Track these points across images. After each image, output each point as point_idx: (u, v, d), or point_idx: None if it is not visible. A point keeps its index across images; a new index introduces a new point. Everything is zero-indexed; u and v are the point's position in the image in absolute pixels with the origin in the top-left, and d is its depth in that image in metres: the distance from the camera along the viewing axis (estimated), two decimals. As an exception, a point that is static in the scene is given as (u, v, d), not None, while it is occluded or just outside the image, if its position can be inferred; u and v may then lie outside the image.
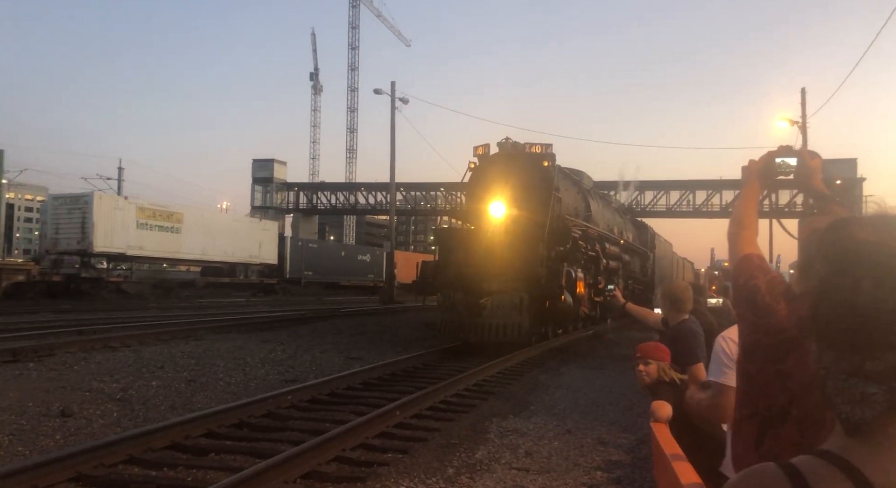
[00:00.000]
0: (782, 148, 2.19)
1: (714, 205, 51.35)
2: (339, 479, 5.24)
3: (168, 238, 32.89)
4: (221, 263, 37.26)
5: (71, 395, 7.95)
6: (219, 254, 36.26)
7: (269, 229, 41.15)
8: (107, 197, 30.65)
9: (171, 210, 33.86)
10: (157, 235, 32.21)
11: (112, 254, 30.52)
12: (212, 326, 16.00)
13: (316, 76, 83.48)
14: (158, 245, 32.30)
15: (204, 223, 35.36)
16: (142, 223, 31.35)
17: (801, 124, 28.35)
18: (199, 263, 37.24)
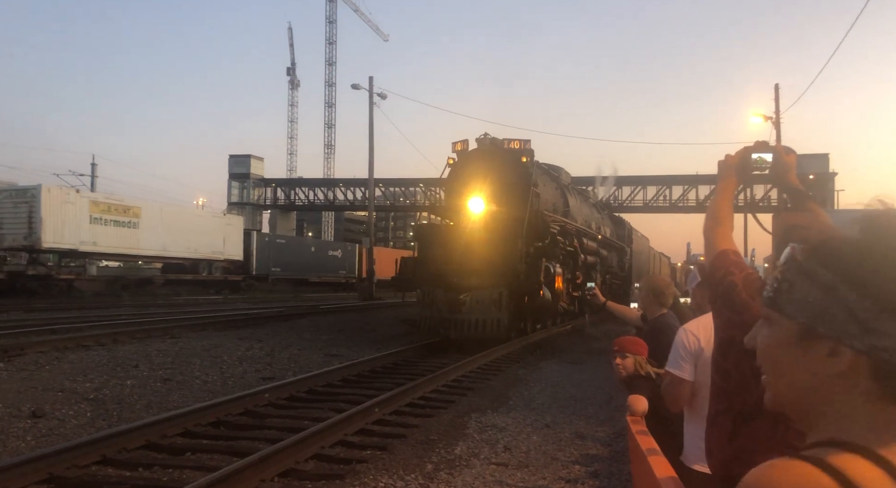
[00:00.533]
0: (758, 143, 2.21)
1: (690, 200, 51.94)
2: (317, 477, 5.21)
3: (124, 233, 31.41)
4: (183, 259, 35.79)
5: (43, 395, 7.81)
6: (180, 250, 34.76)
7: (233, 224, 39.55)
8: (56, 189, 28.92)
9: (128, 204, 32.18)
10: (112, 230, 30.54)
11: (62, 250, 28.89)
12: (188, 324, 15.82)
13: (293, 71, 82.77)
14: (114, 241, 30.72)
15: (164, 218, 33.84)
16: (95, 218, 29.59)
17: (774, 120, 28.77)
18: (159, 260, 35.92)
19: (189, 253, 35.40)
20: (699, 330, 2.79)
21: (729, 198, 2.16)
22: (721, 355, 1.80)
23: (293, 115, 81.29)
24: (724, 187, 2.17)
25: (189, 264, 36.24)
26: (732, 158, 2.17)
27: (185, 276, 36.04)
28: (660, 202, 52.71)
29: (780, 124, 28.67)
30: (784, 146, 2.22)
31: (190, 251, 35.35)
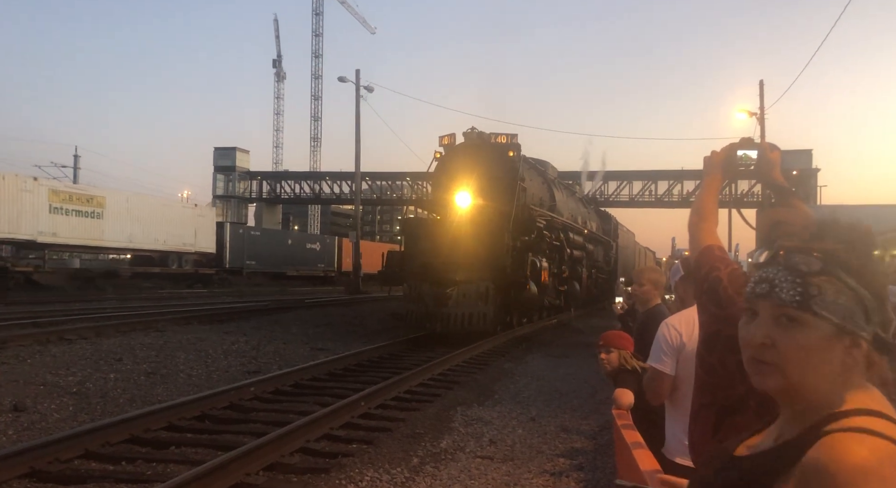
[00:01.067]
0: (744, 140, 2.22)
1: (675, 195, 52.29)
2: (302, 471, 5.21)
3: (88, 224, 29.72)
4: (151, 251, 34.33)
5: (24, 389, 7.72)
6: (148, 242, 33.37)
7: (205, 215, 38.00)
8: (11, 177, 27.32)
9: (92, 193, 30.65)
10: (74, 221, 28.85)
11: (19, 241, 27.27)
12: (173, 318, 15.71)
13: (279, 63, 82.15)
14: (76, 231, 29.04)
15: (131, 208, 32.34)
16: (56, 207, 27.95)
17: (759, 115, 28.99)
18: (125, 251, 34.52)
19: (158, 245, 34.11)
20: (681, 324, 2.81)
21: (714, 194, 2.18)
22: (706, 350, 1.82)
23: (279, 107, 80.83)
24: (710, 183, 2.19)
25: (158, 257, 34.97)
26: (718, 155, 2.19)
27: (154, 269, 34.75)
28: (645, 197, 53.03)
29: (764, 120, 28.90)
30: (768, 143, 2.24)
31: (159, 243, 34.05)
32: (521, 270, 13.56)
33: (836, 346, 1.00)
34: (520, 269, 13.56)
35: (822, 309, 1.00)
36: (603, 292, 24.76)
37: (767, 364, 1.03)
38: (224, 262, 38.25)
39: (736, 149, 2.17)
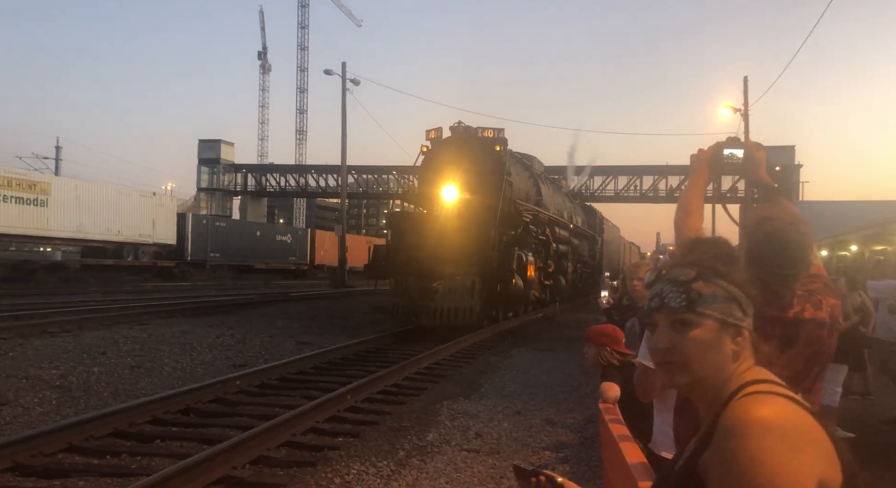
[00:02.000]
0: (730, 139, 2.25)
1: (660, 190, 52.58)
2: (288, 464, 5.20)
3: (29, 212, 27.62)
4: (103, 242, 32.12)
5: (6, 383, 7.64)
6: (100, 232, 31.26)
7: (165, 204, 35.72)
8: None
9: (34, 179, 28.80)
10: (13, 208, 26.95)
11: None
12: (156, 311, 15.59)
13: (264, 55, 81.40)
14: (15, 220, 27.08)
15: (80, 196, 30.20)
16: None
17: (743, 111, 29.21)
18: (72, 242, 32.09)
19: (111, 235, 32.08)
20: None
21: (700, 191, 2.21)
22: None
23: (264, 99, 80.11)
24: (696, 180, 2.22)
25: (112, 248, 32.87)
26: (704, 153, 2.21)
27: (106, 261, 32.41)
28: (630, 192, 53.29)
29: (748, 116, 29.13)
30: (754, 142, 2.27)
31: (112, 233, 32.04)
32: (507, 265, 13.60)
33: (724, 338, 1.19)
34: (506, 264, 13.60)
35: (705, 308, 1.19)
36: (588, 286, 24.89)
37: (674, 364, 1.20)
38: (185, 254, 36.41)
39: (722, 148, 2.19)
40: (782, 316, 1.84)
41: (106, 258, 32.57)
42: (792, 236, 1.89)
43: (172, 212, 36.40)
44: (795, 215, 1.97)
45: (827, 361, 1.92)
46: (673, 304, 1.20)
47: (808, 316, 1.85)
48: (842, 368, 6.61)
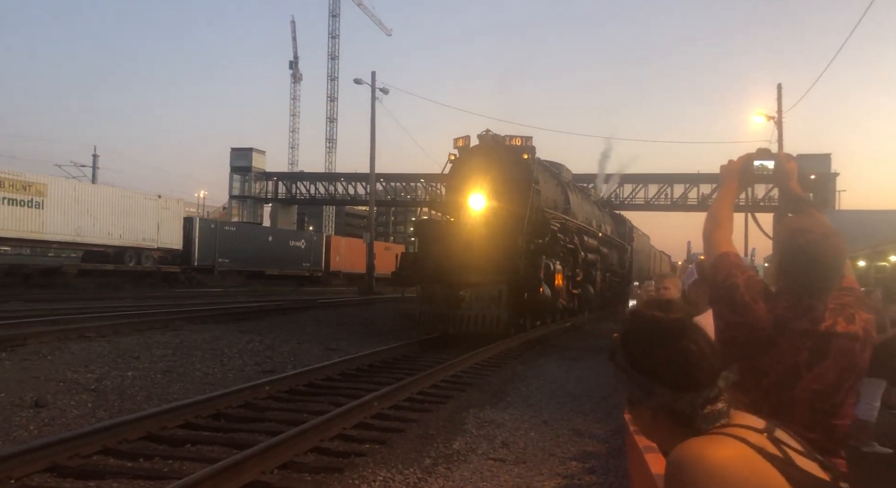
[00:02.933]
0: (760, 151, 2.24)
1: (691, 198, 51.94)
2: (316, 470, 5.26)
3: (24, 214, 26.33)
4: (103, 247, 30.59)
5: (45, 386, 7.86)
6: (100, 236, 29.85)
7: (170, 208, 34.06)
8: None
9: (29, 180, 27.14)
10: (5, 210, 25.78)
11: None
12: (189, 317, 15.87)
13: (295, 64, 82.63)
14: (7, 222, 25.82)
15: (79, 197, 28.93)
16: None
17: (776, 119, 28.75)
18: (70, 246, 30.46)
19: (112, 239, 30.60)
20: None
21: (730, 203, 2.21)
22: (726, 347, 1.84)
23: (295, 108, 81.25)
24: (726, 192, 2.22)
25: (113, 252, 31.30)
26: (735, 164, 2.21)
27: (106, 266, 30.87)
28: (661, 200, 52.73)
29: (782, 124, 28.66)
30: (785, 153, 2.26)
31: (113, 237, 30.62)
32: (535, 273, 13.56)
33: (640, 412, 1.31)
34: (533, 272, 13.55)
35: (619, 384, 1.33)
36: (617, 295, 24.65)
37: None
38: (192, 260, 35.01)
39: (753, 160, 2.19)
40: (813, 329, 1.82)
41: (107, 263, 31.13)
42: (825, 249, 1.87)
43: (179, 215, 35.00)
44: (829, 227, 1.96)
45: (860, 375, 1.90)
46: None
47: (840, 329, 1.83)
48: (879, 383, 6.45)
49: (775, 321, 1.82)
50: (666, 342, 1.26)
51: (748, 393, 1.72)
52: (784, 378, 1.79)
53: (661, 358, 1.25)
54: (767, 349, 1.80)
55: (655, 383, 1.25)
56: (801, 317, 1.83)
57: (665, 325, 1.29)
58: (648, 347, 1.27)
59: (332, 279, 46.51)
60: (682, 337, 1.27)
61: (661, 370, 1.25)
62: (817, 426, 1.75)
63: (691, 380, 1.24)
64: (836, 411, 1.80)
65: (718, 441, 1.15)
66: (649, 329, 1.29)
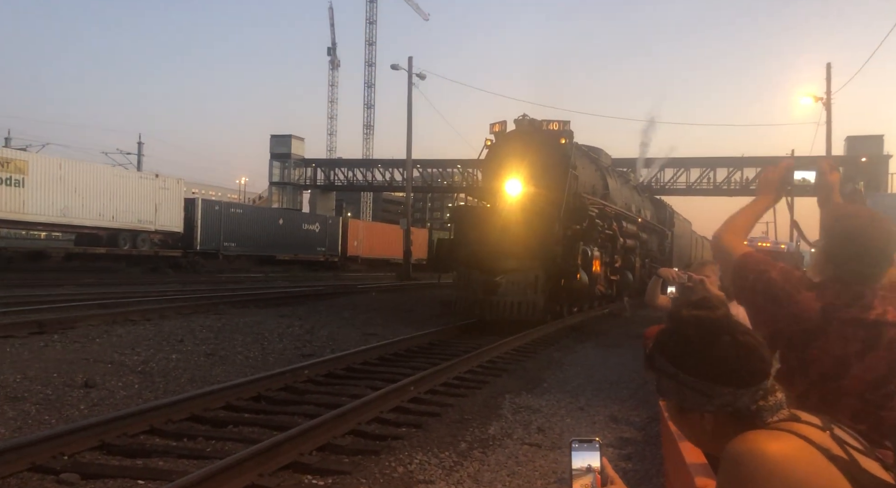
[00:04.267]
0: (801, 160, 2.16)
1: (735, 182, 50.71)
2: (353, 452, 5.35)
3: (2, 193, 24.52)
4: (94, 229, 28.59)
5: (94, 367, 8.15)
6: (90, 217, 27.80)
7: (169, 188, 31.83)
8: None
9: (7, 156, 25.29)
10: None
11: None
12: (231, 301, 16.24)
13: (333, 51, 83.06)
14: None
15: (65, 176, 26.74)
16: None
17: (825, 101, 27.79)
18: (57, 228, 28.85)
19: (103, 221, 28.42)
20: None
21: (758, 215, 2.14)
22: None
23: (333, 95, 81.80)
24: (759, 204, 2.13)
25: (105, 235, 29.27)
26: (773, 174, 2.13)
27: (97, 250, 28.83)
28: (703, 184, 51.61)
29: (830, 105, 27.69)
30: (828, 162, 2.16)
31: (105, 219, 28.42)
32: (572, 259, 13.45)
33: (688, 419, 1.27)
34: (570, 258, 13.45)
35: (663, 393, 1.29)
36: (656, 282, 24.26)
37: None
38: (195, 243, 32.89)
39: (792, 169, 2.11)
40: (863, 317, 1.77)
41: (97, 246, 29.01)
42: (872, 232, 1.82)
43: (179, 196, 32.56)
44: (876, 213, 1.91)
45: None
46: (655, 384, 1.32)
47: (891, 318, 1.78)
48: None
49: (823, 310, 1.77)
50: (720, 338, 1.22)
51: (794, 386, 1.69)
52: (833, 368, 1.74)
53: (717, 356, 1.20)
54: (816, 339, 1.76)
55: (715, 383, 1.20)
56: (850, 305, 1.78)
57: (714, 322, 1.24)
58: (701, 347, 1.22)
59: (349, 264, 44.65)
60: (734, 331, 1.23)
61: (719, 368, 1.20)
62: (866, 417, 1.70)
63: (751, 374, 1.20)
64: (885, 403, 1.75)
65: (778, 436, 1.12)
66: (698, 328, 1.24)
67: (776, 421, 1.17)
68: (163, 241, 32.13)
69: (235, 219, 35.70)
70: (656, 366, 1.27)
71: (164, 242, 32.17)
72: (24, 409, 6.20)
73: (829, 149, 29.42)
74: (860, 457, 1.13)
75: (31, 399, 6.55)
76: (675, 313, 1.30)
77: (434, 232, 48.58)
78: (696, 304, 1.29)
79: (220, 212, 34.85)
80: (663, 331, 1.30)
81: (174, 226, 32.11)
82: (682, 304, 1.31)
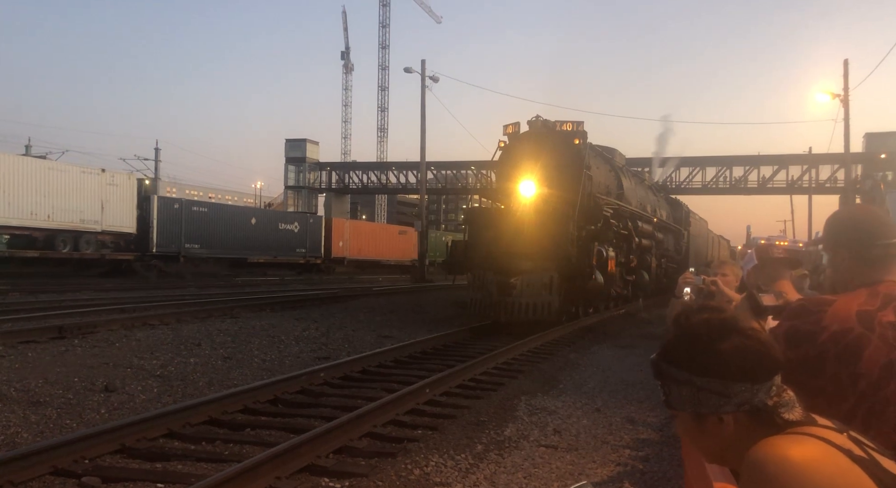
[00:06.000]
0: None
1: (752, 181, 50.23)
2: (370, 454, 5.37)
3: None
4: (26, 230, 25.41)
5: (114, 371, 8.25)
6: (20, 217, 24.77)
7: (118, 184, 28.51)
8: None
9: None
10: None
11: None
12: (247, 304, 16.36)
13: (347, 55, 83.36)
14: None
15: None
16: None
17: (843, 97, 27.46)
18: None
19: (37, 221, 25.43)
20: None
21: None
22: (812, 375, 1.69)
23: (347, 98, 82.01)
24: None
25: (42, 236, 26.20)
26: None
27: (28, 253, 25.60)
28: (719, 183, 51.17)
29: (848, 102, 27.36)
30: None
31: (39, 218, 25.47)
32: (587, 260, 13.40)
33: (705, 426, 1.22)
34: (585, 259, 13.40)
35: (675, 404, 1.25)
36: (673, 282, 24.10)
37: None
38: (150, 245, 29.71)
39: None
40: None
41: (30, 249, 25.86)
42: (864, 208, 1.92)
43: (131, 193, 29.27)
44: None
45: None
46: (662, 398, 1.29)
47: None
48: None
49: (859, 315, 1.73)
50: (732, 335, 1.21)
51: (845, 402, 1.65)
52: (880, 377, 1.69)
53: (730, 353, 1.19)
54: (863, 349, 1.70)
55: (732, 381, 1.18)
56: (884, 306, 1.73)
57: (722, 322, 1.23)
58: (713, 347, 1.20)
59: (334, 267, 41.59)
60: (742, 329, 1.22)
61: (734, 366, 1.18)
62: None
63: (765, 369, 1.19)
64: None
65: (800, 440, 1.11)
66: (707, 329, 1.23)
67: (794, 420, 1.16)
68: (115, 243, 28.96)
69: (199, 218, 32.35)
70: (667, 375, 1.25)
71: (116, 244, 28.96)
72: (45, 414, 6.28)
73: (848, 147, 29.06)
74: (879, 457, 1.13)
75: (52, 403, 6.64)
76: (681, 319, 1.28)
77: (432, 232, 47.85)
78: (700, 309, 1.28)
79: (180, 211, 31.37)
80: (669, 340, 1.28)
81: (125, 227, 28.92)
82: (686, 311, 1.29)
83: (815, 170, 47.74)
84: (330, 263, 41.40)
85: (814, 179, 47.61)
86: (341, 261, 42.48)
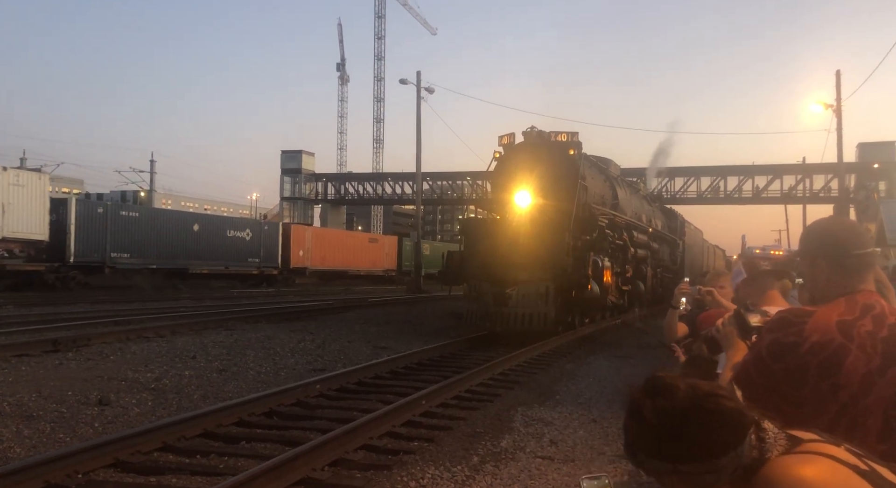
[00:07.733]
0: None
1: (746, 190, 50.48)
2: (365, 467, 5.34)
3: None
4: None
5: (108, 384, 8.20)
6: None
7: (25, 185, 24.58)
8: None
9: None
10: None
11: None
12: (242, 316, 16.30)
13: (342, 66, 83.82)
14: None
15: None
16: None
17: (835, 108, 27.67)
18: None
19: None
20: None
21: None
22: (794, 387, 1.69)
23: (343, 110, 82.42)
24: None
25: None
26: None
27: None
28: (714, 193, 51.40)
29: (841, 113, 27.56)
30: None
31: None
32: (583, 270, 13.42)
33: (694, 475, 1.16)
34: (581, 269, 13.42)
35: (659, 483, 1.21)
36: (669, 291, 24.12)
37: None
38: (67, 255, 26.09)
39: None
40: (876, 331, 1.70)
41: None
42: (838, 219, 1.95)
43: (41, 196, 25.28)
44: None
45: None
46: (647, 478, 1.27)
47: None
48: None
49: (839, 325, 1.73)
50: (694, 420, 1.14)
51: (822, 414, 1.64)
52: (860, 387, 1.69)
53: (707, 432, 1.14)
54: (843, 359, 1.70)
55: (717, 458, 1.13)
56: (863, 316, 1.74)
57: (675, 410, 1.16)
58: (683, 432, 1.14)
59: (294, 277, 38.19)
60: (700, 405, 1.16)
61: (712, 443, 1.14)
62: (889, 435, 1.65)
63: (741, 429, 1.15)
64: None
65: (809, 459, 1.11)
66: (669, 418, 1.16)
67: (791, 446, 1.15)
68: (24, 253, 25.06)
69: (129, 223, 28.75)
70: (649, 468, 1.19)
71: (28, 255, 25.15)
72: (39, 428, 6.24)
73: (841, 156, 29.23)
74: (880, 468, 1.15)
75: (45, 417, 6.59)
76: (635, 410, 1.22)
77: (405, 240, 46.22)
78: (649, 391, 1.21)
79: (104, 216, 27.71)
80: (631, 428, 1.22)
81: (35, 233, 24.82)
82: (635, 398, 1.22)
83: (809, 180, 48.04)
84: (289, 274, 38.00)
85: (808, 189, 47.90)
86: (302, 272, 38.88)
